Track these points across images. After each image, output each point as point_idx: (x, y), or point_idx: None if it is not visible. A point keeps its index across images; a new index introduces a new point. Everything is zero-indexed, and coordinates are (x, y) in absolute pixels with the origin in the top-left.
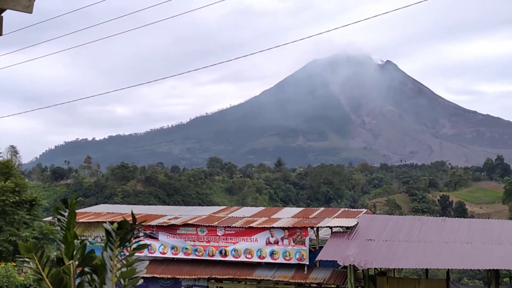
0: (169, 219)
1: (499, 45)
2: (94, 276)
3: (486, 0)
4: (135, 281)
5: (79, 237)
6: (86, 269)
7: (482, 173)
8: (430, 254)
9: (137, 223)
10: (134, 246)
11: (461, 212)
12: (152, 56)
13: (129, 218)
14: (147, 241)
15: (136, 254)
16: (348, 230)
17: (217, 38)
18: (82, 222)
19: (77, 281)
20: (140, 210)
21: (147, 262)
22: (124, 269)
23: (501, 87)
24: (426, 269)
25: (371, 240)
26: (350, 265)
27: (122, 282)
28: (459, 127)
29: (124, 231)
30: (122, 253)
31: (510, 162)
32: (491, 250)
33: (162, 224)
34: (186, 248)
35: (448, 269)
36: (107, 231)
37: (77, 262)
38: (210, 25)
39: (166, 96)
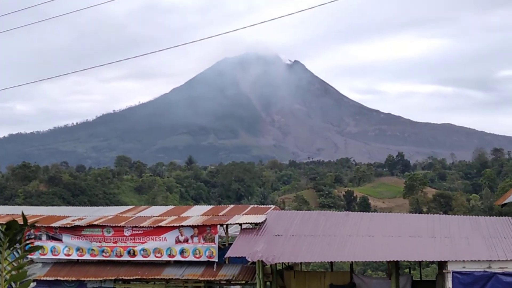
0: (73, 220)
1: (401, 47)
2: None
3: (388, 3)
4: (26, 284)
5: None
6: None
7: (384, 169)
8: (335, 247)
9: (28, 224)
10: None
11: (364, 206)
12: (55, 51)
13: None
14: (50, 243)
15: (40, 256)
16: (257, 226)
17: (124, 34)
18: None
19: None
20: (43, 211)
21: (40, 265)
22: (14, 272)
23: (401, 87)
24: (331, 262)
25: (278, 235)
26: (258, 260)
27: (13, 285)
28: (363, 126)
29: (13, 233)
30: (13, 256)
31: (410, 158)
32: (392, 242)
33: (66, 226)
34: (92, 249)
35: (352, 262)
36: None
37: None
38: (116, 21)
39: (70, 92)
